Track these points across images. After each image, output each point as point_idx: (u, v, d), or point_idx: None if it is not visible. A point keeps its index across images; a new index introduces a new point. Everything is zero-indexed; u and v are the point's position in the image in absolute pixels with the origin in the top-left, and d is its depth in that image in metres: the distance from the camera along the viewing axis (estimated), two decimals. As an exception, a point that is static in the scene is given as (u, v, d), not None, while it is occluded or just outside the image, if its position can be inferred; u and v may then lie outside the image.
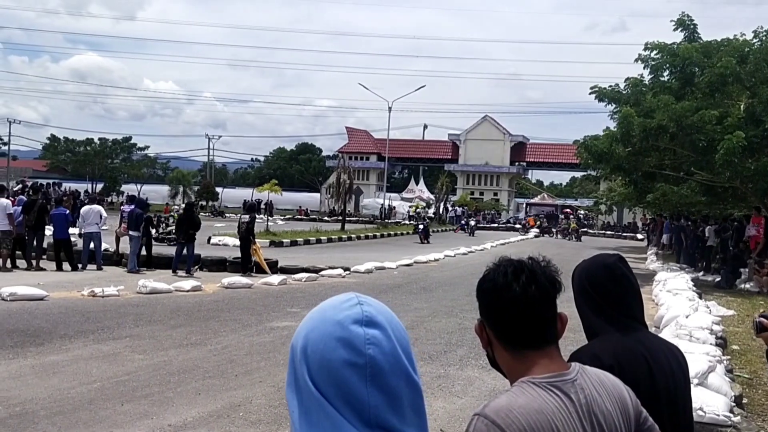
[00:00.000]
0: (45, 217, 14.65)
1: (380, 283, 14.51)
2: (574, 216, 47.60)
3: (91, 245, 14.75)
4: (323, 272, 15.06)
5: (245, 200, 41.50)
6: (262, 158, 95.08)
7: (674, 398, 1.86)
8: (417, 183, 62.86)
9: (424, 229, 31.16)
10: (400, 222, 47.84)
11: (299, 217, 50.75)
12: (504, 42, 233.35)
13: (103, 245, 15.35)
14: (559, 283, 1.45)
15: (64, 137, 61.37)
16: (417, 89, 48.74)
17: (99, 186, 57.56)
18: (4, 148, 60.16)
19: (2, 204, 13.78)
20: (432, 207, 53.66)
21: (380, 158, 60.49)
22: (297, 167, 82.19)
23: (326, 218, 48.12)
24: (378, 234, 34.38)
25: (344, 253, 21.45)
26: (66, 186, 42.86)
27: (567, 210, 51.74)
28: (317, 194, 64.42)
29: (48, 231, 14.99)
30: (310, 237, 27.15)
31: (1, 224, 13.53)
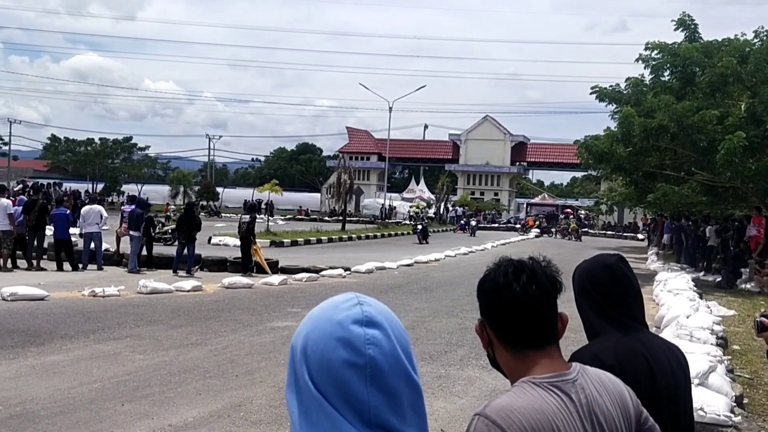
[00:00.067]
0: (45, 217, 14.66)
1: (381, 283, 14.51)
2: (575, 216, 47.62)
3: (92, 245, 14.77)
4: (324, 272, 15.06)
5: (246, 200, 41.51)
6: (263, 158, 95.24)
7: (675, 398, 1.86)
8: (417, 183, 62.85)
9: (423, 230, 30.92)
10: (401, 222, 47.82)
11: (300, 217, 50.74)
12: (504, 42, 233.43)
13: (104, 245, 15.36)
14: (560, 283, 1.45)
15: (65, 137, 61.42)
16: (417, 89, 48.78)
17: (99, 186, 57.57)
18: (5, 148, 60.19)
19: (3, 204, 13.79)
20: (433, 207, 53.68)
21: (381, 158, 60.50)
22: (297, 167, 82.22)
23: (327, 218, 48.11)
24: (378, 234, 34.38)
25: (345, 253, 21.45)
26: (66, 186, 42.86)
27: (568, 210, 51.75)
28: (318, 194, 64.41)
29: (49, 231, 14.99)
30: (311, 237, 27.15)
31: (2, 224, 13.54)
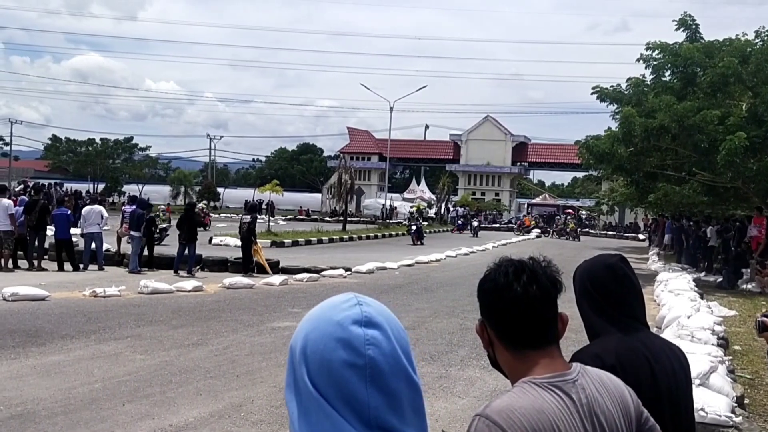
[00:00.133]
0: (46, 218, 14.67)
1: (381, 284, 14.51)
2: (575, 216, 47.64)
3: (93, 245, 14.77)
4: (324, 272, 15.07)
5: (247, 200, 41.51)
6: (264, 158, 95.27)
7: (676, 399, 1.86)
8: (418, 183, 62.84)
9: (417, 230, 30.22)
10: (402, 222, 47.84)
11: (300, 218, 50.76)
12: (505, 42, 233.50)
13: (105, 245, 15.37)
14: (560, 283, 1.45)
15: (66, 137, 61.48)
16: (418, 89, 48.75)
17: (100, 186, 57.62)
18: (6, 149, 60.29)
19: (4, 204, 13.80)
20: (433, 207, 53.66)
21: (381, 158, 60.46)
22: (298, 167, 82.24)
23: (327, 218, 48.12)
24: (379, 234, 34.38)
25: (345, 254, 21.45)
26: (67, 186, 42.89)
27: (569, 210, 51.77)
28: (318, 194, 64.45)
29: (49, 231, 15.00)
30: (312, 237, 27.15)
31: (3, 224, 13.55)
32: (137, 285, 11.55)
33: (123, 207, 19.09)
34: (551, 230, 42.42)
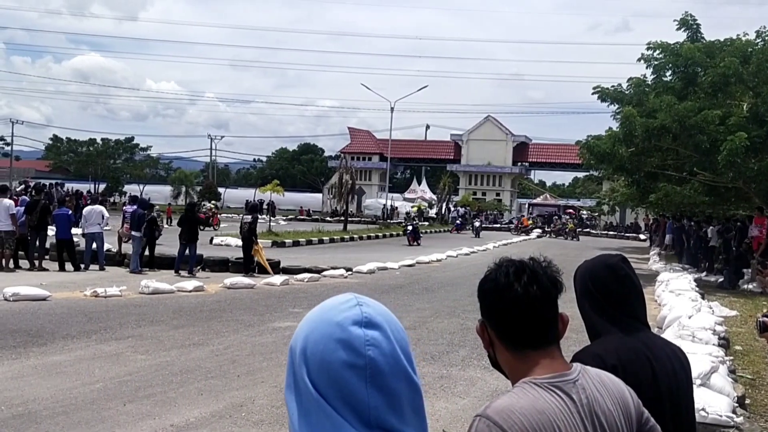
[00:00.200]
0: (47, 218, 14.68)
1: (382, 284, 14.51)
2: (576, 216, 47.70)
3: (94, 245, 14.78)
4: (325, 272, 15.07)
5: (247, 200, 41.52)
6: (265, 158, 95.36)
7: (677, 399, 1.86)
8: (419, 183, 62.85)
9: (414, 230, 29.20)
10: (402, 222, 47.85)
11: (301, 218, 50.79)
12: (506, 42, 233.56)
13: (106, 245, 15.38)
14: (561, 284, 1.45)
15: (67, 138, 61.64)
16: (419, 89, 48.94)
17: (101, 186, 57.67)
18: (7, 149, 60.35)
19: (5, 204, 13.81)
20: (434, 207, 53.67)
21: (382, 158, 60.49)
22: (299, 167, 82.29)
23: (328, 219, 48.15)
24: (380, 234, 34.38)
25: (346, 254, 21.45)
26: (68, 186, 42.92)
27: (570, 210, 51.80)
28: (319, 195, 64.47)
29: (50, 231, 15.02)
30: (313, 237, 27.15)
31: (4, 224, 13.56)
32: (138, 285, 11.55)
33: (124, 207, 19.10)
34: (549, 230, 42.57)
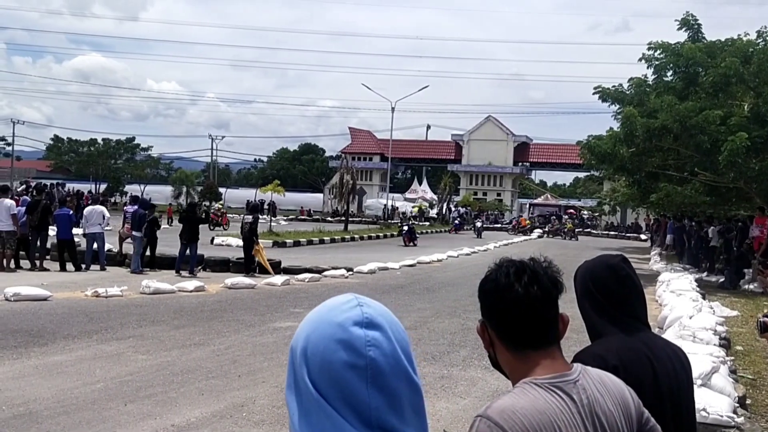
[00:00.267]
0: (48, 218, 14.69)
1: (383, 284, 14.51)
2: (577, 216, 47.76)
3: (95, 246, 14.79)
4: (326, 273, 15.07)
5: (248, 201, 41.53)
6: (265, 159, 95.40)
7: (678, 399, 1.86)
8: (420, 183, 62.87)
9: (409, 231, 28.55)
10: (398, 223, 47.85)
11: (302, 218, 50.79)
12: (507, 42, 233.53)
13: (107, 245, 15.39)
14: (561, 284, 1.45)
15: (68, 138, 61.74)
16: (420, 89, 49.16)
17: (102, 186, 57.71)
18: (8, 149, 60.34)
19: (6, 204, 13.82)
20: (435, 207, 53.67)
21: (383, 159, 60.50)
22: (300, 168, 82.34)
23: (329, 219, 48.17)
24: (381, 234, 34.37)
25: (347, 254, 21.45)
26: (70, 186, 42.95)
27: (571, 210, 51.83)
28: (320, 195, 64.48)
29: (51, 231, 15.03)
30: (313, 237, 27.15)
31: (5, 225, 13.57)
32: (139, 285, 11.56)
33: (125, 207, 19.10)
34: (547, 230, 42.76)
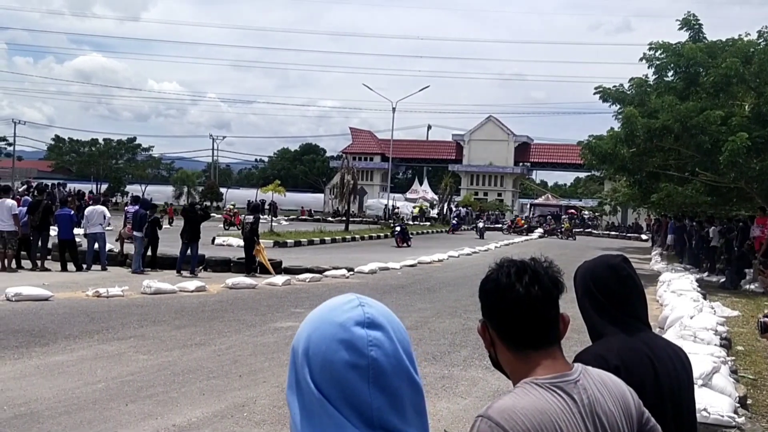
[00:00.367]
0: (50, 218, 14.70)
1: (384, 284, 14.51)
2: (577, 216, 47.86)
3: (96, 246, 14.80)
4: (327, 273, 15.07)
5: (249, 201, 41.54)
6: (266, 159, 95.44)
7: (678, 399, 1.86)
8: (421, 183, 62.83)
9: (401, 231, 27.75)
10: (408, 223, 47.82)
11: (303, 218, 50.78)
12: (508, 42, 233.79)
13: (108, 245, 15.40)
14: (562, 284, 1.45)
15: (69, 138, 61.78)
16: (421, 90, 49.17)
17: (103, 186, 57.76)
18: (9, 149, 60.39)
19: (7, 204, 13.83)
20: (436, 207, 53.64)
21: (384, 159, 60.50)
22: (301, 168, 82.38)
23: (330, 219, 48.18)
24: (382, 234, 34.33)
25: (348, 254, 21.44)
26: (71, 187, 42.97)
27: (572, 211, 51.85)
28: (321, 195, 64.50)
29: (53, 231, 15.05)
30: (314, 237, 27.14)
31: (6, 225, 13.58)
32: (140, 285, 11.56)
33: (126, 207, 19.11)
34: (544, 230, 42.90)
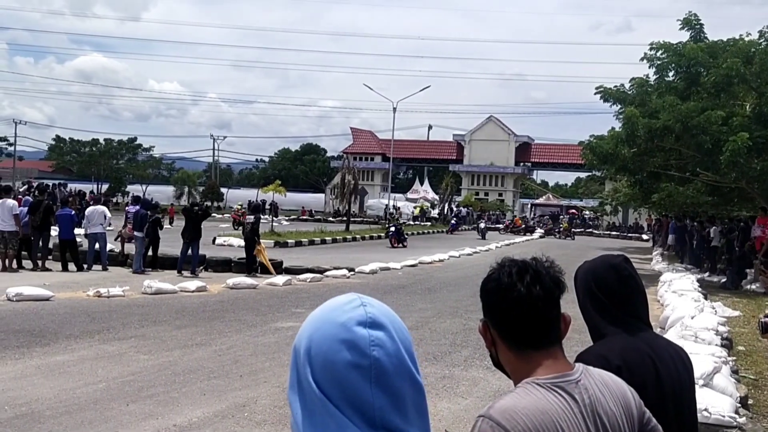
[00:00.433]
0: (50, 218, 14.70)
1: (385, 284, 14.51)
2: (578, 216, 47.91)
3: (96, 246, 14.80)
4: (328, 273, 15.07)
5: (250, 201, 41.56)
6: (267, 159, 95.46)
7: (680, 399, 1.86)
8: (422, 183, 62.83)
9: (396, 231, 27.21)
10: (405, 223, 47.79)
11: (303, 218, 50.78)
12: (508, 42, 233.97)
13: (109, 245, 15.40)
14: (563, 284, 1.45)
15: (70, 138, 61.81)
16: (422, 90, 49.00)
17: (104, 187, 57.77)
18: (10, 149, 60.47)
19: (8, 205, 13.83)
20: (437, 207, 53.63)
21: (385, 159, 60.50)
22: (301, 168, 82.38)
23: (331, 219, 48.19)
24: (382, 234, 34.29)
25: (349, 254, 21.44)
26: (71, 187, 42.98)
27: (572, 211, 51.87)
28: (322, 195, 64.51)
29: (53, 232, 15.06)
30: (315, 237, 27.13)
31: (7, 225, 13.58)
32: (141, 285, 11.57)
33: (127, 207, 19.11)
34: (543, 230, 43.01)
